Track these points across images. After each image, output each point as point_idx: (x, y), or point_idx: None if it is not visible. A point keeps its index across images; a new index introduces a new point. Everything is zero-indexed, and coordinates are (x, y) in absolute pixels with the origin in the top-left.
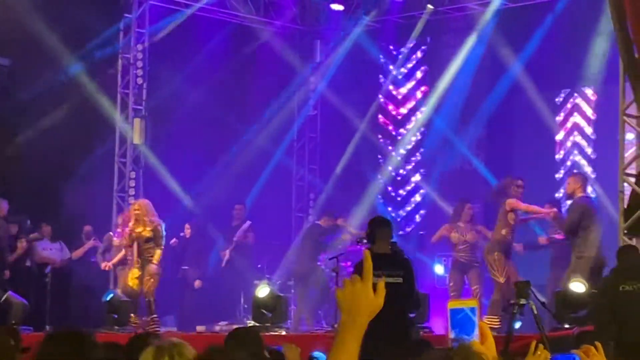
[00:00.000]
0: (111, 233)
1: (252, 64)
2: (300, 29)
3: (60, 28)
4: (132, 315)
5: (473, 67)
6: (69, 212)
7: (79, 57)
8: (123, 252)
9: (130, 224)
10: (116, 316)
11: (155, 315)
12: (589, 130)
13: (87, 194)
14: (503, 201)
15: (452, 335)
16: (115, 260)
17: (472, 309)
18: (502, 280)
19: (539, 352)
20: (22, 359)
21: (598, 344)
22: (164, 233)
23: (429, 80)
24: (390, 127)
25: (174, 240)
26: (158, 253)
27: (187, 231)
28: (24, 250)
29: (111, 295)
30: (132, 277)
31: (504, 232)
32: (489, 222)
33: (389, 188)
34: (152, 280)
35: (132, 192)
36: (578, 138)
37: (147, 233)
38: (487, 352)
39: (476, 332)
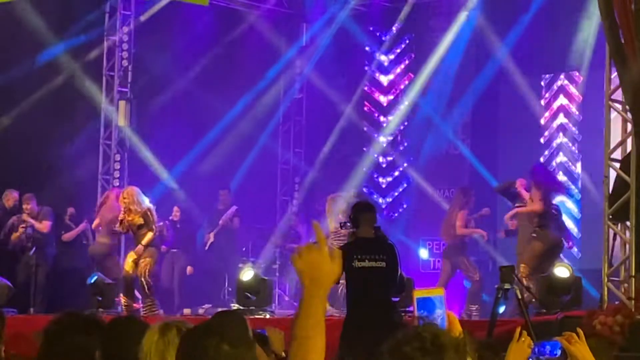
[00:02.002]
0: None
1: (237, 46)
2: (286, 12)
3: (44, 9)
4: (123, 296)
5: (459, 51)
6: (53, 194)
7: (63, 39)
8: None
9: (122, 212)
10: (100, 298)
11: (150, 298)
12: (574, 114)
13: (71, 176)
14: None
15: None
16: None
17: (439, 298)
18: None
19: (522, 339)
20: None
21: (580, 330)
22: (155, 217)
23: (415, 65)
24: (376, 111)
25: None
26: (149, 235)
27: (177, 214)
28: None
29: (95, 277)
30: (127, 261)
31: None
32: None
33: (375, 173)
34: (145, 262)
35: (117, 174)
36: (563, 122)
37: (138, 220)
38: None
39: (444, 320)
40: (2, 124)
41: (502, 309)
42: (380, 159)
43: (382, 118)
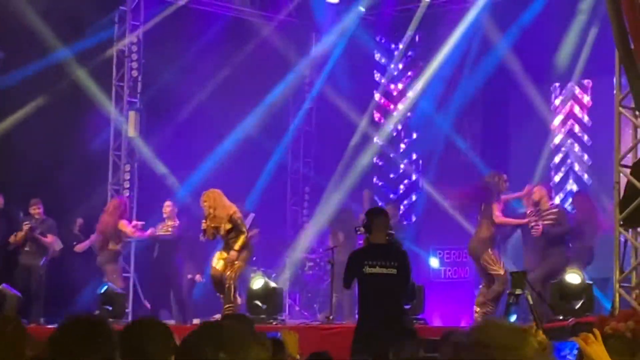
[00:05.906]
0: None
1: (247, 57)
2: (296, 22)
3: (54, 19)
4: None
5: (468, 56)
6: (62, 204)
7: (73, 49)
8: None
9: (204, 220)
10: (110, 308)
11: (233, 303)
12: (584, 120)
13: (81, 187)
14: (490, 200)
15: None
16: None
17: None
18: (502, 272)
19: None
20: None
21: (597, 331)
22: (240, 216)
23: (425, 74)
24: (386, 120)
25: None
26: (241, 239)
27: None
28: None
29: (105, 287)
30: (217, 260)
31: (493, 229)
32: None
33: (384, 182)
34: (237, 265)
35: (126, 185)
36: (573, 128)
37: (226, 226)
38: None
39: None
40: (11, 135)
41: (513, 318)
42: (390, 168)
43: (392, 127)
